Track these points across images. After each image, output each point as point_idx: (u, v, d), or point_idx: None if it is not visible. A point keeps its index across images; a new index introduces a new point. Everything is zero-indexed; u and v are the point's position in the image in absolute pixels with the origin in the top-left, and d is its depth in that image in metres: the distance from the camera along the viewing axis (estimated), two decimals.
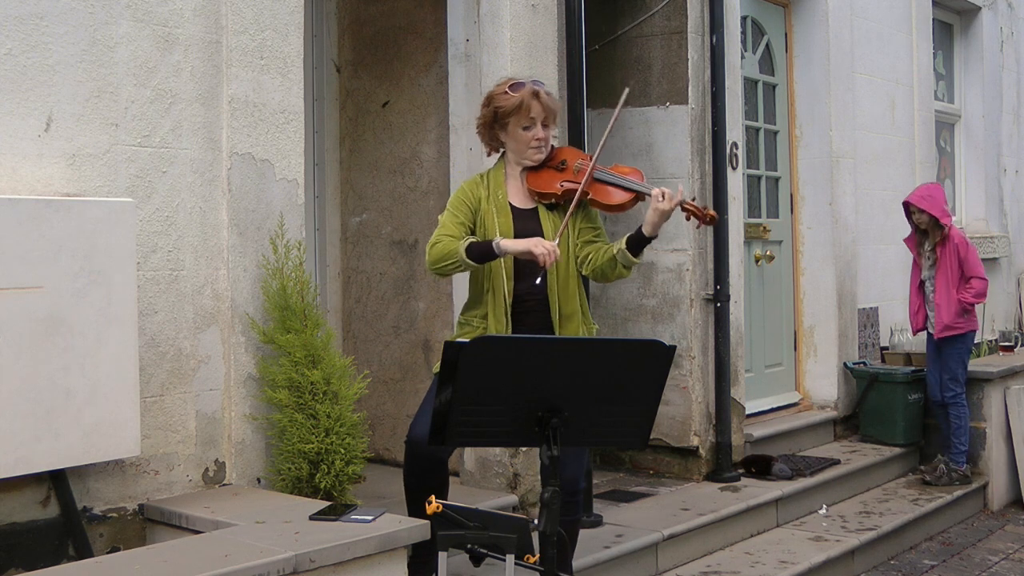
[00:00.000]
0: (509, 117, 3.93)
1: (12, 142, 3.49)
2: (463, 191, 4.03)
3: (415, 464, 3.85)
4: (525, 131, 3.93)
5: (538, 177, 3.99)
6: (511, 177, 4.03)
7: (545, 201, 3.98)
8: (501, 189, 3.98)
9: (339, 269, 5.99)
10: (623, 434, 3.07)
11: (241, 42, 4.07)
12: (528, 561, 2.91)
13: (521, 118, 3.91)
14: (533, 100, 3.90)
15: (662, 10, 6.12)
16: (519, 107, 3.90)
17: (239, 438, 4.06)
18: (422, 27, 5.72)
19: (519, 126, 3.93)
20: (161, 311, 3.86)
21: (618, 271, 3.92)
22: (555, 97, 4.04)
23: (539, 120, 3.93)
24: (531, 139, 3.94)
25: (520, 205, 3.99)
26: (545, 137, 3.96)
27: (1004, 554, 6.06)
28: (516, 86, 3.94)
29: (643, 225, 3.84)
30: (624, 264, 3.88)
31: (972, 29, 9.54)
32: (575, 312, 3.94)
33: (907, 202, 6.77)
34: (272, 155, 4.17)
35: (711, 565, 5.19)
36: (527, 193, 3.99)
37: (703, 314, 6.09)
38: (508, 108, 3.91)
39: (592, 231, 4.01)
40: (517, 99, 3.90)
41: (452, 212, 3.96)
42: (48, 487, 3.59)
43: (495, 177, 4.02)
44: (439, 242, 3.86)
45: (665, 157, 6.14)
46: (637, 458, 6.28)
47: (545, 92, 3.96)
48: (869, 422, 7.16)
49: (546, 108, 3.93)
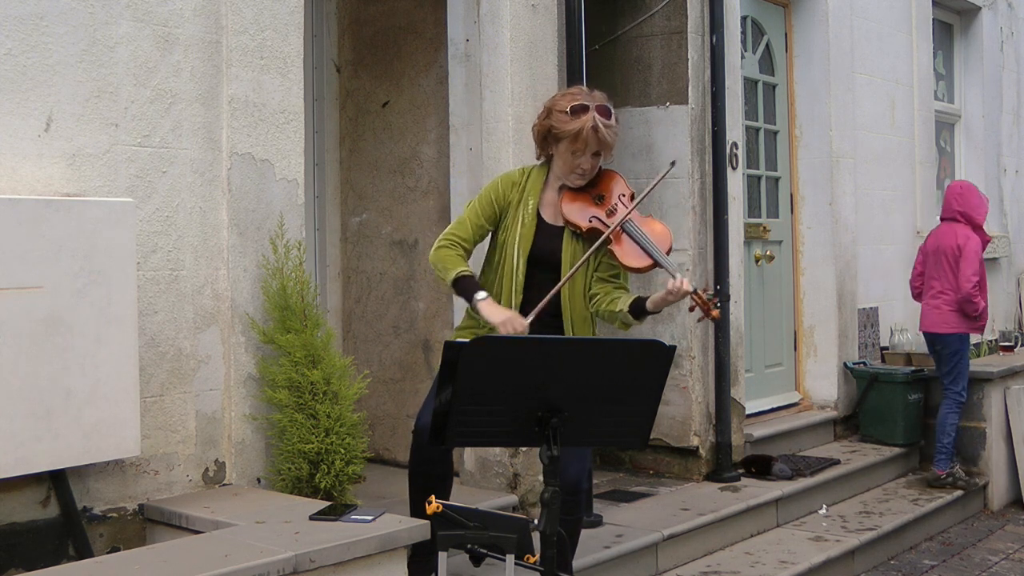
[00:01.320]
0: (563, 138, 3.84)
1: (12, 142, 3.49)
2: (497, 188, 3.98)
3: (421, 452, 3.86)
4: (573, 156, 3.85)
5: (573, 203, 3.91)
6: (550, 188, 3.97)
7: (572, 228, 3.91)
8: (535, 198, 3.93)
9: (339, 269, 5.99)
10: (623, 434, 3.07)
11: (241, 42, 4.07)
12: (528, 561, 2.91)
13: (574, 143, 3.82)
14: (591, 134, 3.78)
15: (662, 10, 6.12)
16: (575, 136, 3.80)
17: (239, 438, 4.06)
18: (422, 27, 5.71)
19: (569, 150, 3.85)
20: (161, 311, 3.86)
21: (618, 324, 3.91)
22: (615, 129, 3.88)
23: (590, 152, 3.83)
24: (577, 166, 3.86)
25: (549, 220, 3.94)
26: (592, 166, 3.88)
27: (1004, 554, 6.06)
28: (578, 110, 3.80)
29: (649, 299, 3.79)
30: (624, 322, 3.86)
31: (972, 29, 9.54)
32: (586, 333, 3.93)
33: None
34: (272, 155, 4.17)
35: (711, 565, 5.19)
36: (558, 211, 3.93)
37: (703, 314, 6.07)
38: (563, 132, 3.82)
39: (610, 269, 3.93)
40: (576, 127, 3.79)
41: (477, 209, 3.94)
42: (48, 487, 3.59)
43: (535, 181, 3.97)
44: (444, 247, 3.87)
45: (665, 157, 6.12)
46: (637, 458, 6.28)
47: (604, 124, 3.81)
48: (869, 422, 7.16)
49: (602, 143, 3.83)
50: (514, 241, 3.87)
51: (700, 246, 6.07)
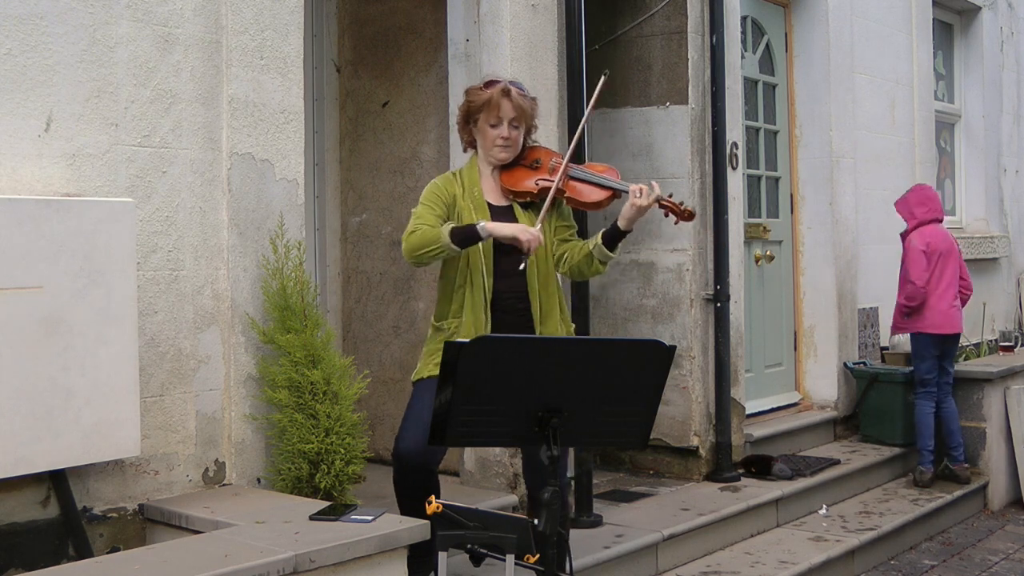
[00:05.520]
0: (479, 113, 3.93)
1: (12, 142, 3.49)
2: (437, 187, 4.01)
3: (404, 478, 3.81)
4: (492, 128, 3.93)
5: (512, 176, 3.99)
6: (484, 176, 4.02)
7: (520, 200, 3.98)
8: (476, 187, 3.98)
9: (339, 269, 5.99)
10: (623, 434, 3.07)
11: (241, 42, 4.07)
12: (528, 561, 2.91)
13: (490, 115, 3.91)
14: (503, 98, 3.89)
15: (662, 10, 6.12)
16: (488, 103, 3.90)
17: (239, 438, 4.06)
18: (422, 27, 5.72)
19: (487, 123, 3.93)
20: (161, 311, 3.86)
21: (594, 267, 3.92)
22: (531, 99, 4.00)
23: (507, 119, 3.91)
24: (496, 136, 3.92)
25: (495, 203, 3.98)
26: (511, 137, 3.94)
27: (1004, 554, 6.06)
28: (490, 83, 3.95)
29: (618, 219, 3.85)
30: (600, 259, 3.89)
31: (972, 29, 9.53)
32: (553, 309, 3.95)
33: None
34: (272, 155, 4.17)
35: (711, 565, 5.19)
36: (501, 191, 3.99)
37: (703, 314, 6.09)
38: (478, 103, 3.93)
39: (567, 229, 4.02)
40: (487, 95, 3.90)
41: (428, 205, 3.95)
42: (48, 487, 3.59)
43: (469, 175, 4.02)
44: (417, 230, 3.85)
45: (665, 157, 6.13)
46: (637, 458, 6.28)
47: (519, 92, 3.93)
48: (869, 422, 7.16)
49: (516, 107, 3.91)
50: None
51: (700, 246, 6.07)
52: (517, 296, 3.90)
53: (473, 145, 4.08)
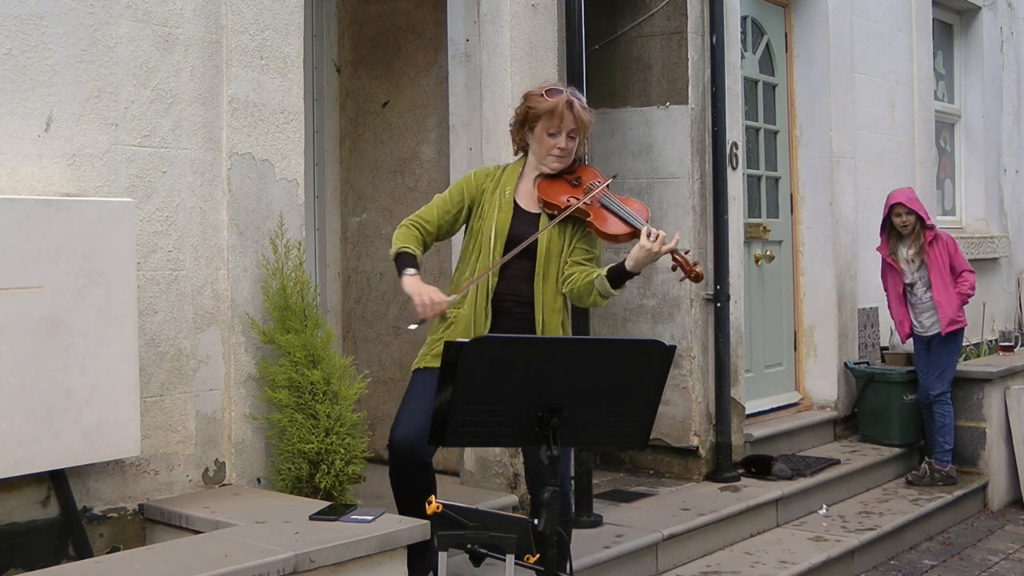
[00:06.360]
0: (539, 120, 3.92)
1: (12, 142, 3.49)
2: (469, 179, 4.04)
3: (399, 467, 3.81)
4: (550, 137, 3.91)
5: (550, 186, 3.96)
6: (526, 178, 4.01)
7: (549, 211, 3.93)
8: (511, 185, 3.97)
9: (339, 269, 5.99)
10: (623, 434, 3.07)
11: (241, 42, 4.07)
12: (528, 561, 2.91)
13: (550, 124, 3.90)
14: (566, 109, 3.88)
15: (662, 10, 6.12)
16: (551, 112, 3.88)
17: (239, 438, 4.06)
18: (422, 27, 5.72)
19: (546, 131, 3.91)
20: (161, 311, 3.86)
21: (593, 298, 3.84)
22: (590, 112, 3.99)
23: (566, 130, 3.91)
24: (553, 146, 3.92)
25: (524, 207, 3.97)
26: (568, 148, 3.93)
27: (1004, 554, 6.06)
28: (553, 91, 3.93)
29: (627, 259, 3.78)
30: (600, 292, 3.80)
31: (972, 29, 9.53)
32: (556, 329, 3.92)
33: (899, 202, 6.71)
34: (272, 155, 4.17)
35: (711, 565, 5.19)
36: (536, 198, 3.97)
37: (703, 314, 6.09)
38: (540, 111, 3.91)
39: (585, 253, 3.94)
40: (551, 104, 3.88)
41: (446, 196, 4.00)
42: (48, 487, 3.59)
43: (510, 172, 4.02)
44: (404, 227, 3.92)
45: (665, 157, 6.14)
46: (637, 458, 6.28)
47: (581, 105, 3.93)
48: (867, 422, 7.16)
49: (577, 119, 3.91)
50: (490, 227, 3.89)
51: (700, 246, 6.07)
52: (517, 300, 3.90)
53: (524, 149, 4.06)
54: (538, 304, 3.90)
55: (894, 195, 6.75)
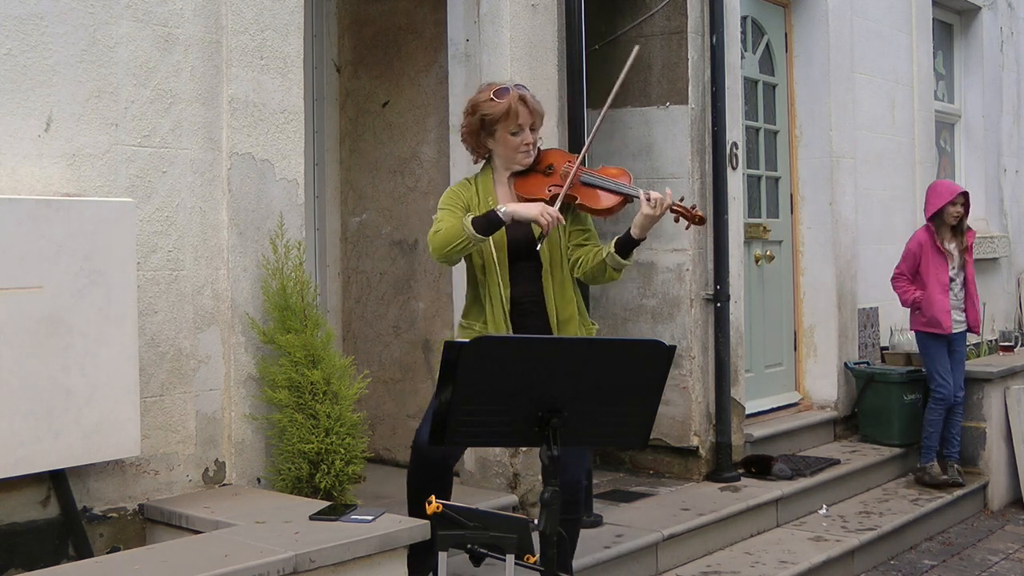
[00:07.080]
0: (497, 124, 3.91)
1: (12, 142, 3.49)
2: (454, 192, 4.03)
3: (421, 469, 3.84)
4: (513, 136, 3.92)
5: (526, 183, 3.98)
6: (499, 184, 4.02)
7: None
8: (491, 195, 3.97)
9: (339, 269, 5.99)
10: (623, 434, 3.07)
11: (241, 42, 4.07)
12: (528, 561, 2.91)
13: (509, 124, 3.90)
14: (520, 105, 3.89)
15: (662, 10, 6.12)
16: (507, 113, 3.88)
17: (239, 438, 4.06)
18: (422, 27, 5.71)
19: (507, 132, 3.92)
20: (161, 311, 3.86)
21: (608, 274, 3.90)
22: (538, 99, 4.02)
23: (527, 125, 3.92)
24: (520, 144, 3.93)
25: None
26: (533, 141, 3.95)
27: (1004, 554, 6.06)
28: (501, 92, 3.92)
29: (631, 228, 3.83)
30: (613, 267, 3.86)
31: (972, 29, 9.53)
32: (572, 316, 3.94)
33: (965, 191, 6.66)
34: (272, 155, 4.17)
35: (711, 565, 5.19)
36: (516, 199, 3.97)
37: (703, 314, 6.09)
38: (495, 115, 3.90)
39: (582, 234, 4.00)
40: (504, 105, 3.88)
41: (447, 208, 3.95)
42: (48, 487, 3.59)
43: (484, 183, 4.01)
44: (440, 229, 3.85)
45: (665, 157, 6.13)
46: (637, 458, 6.28)
47: (531, 96, 3.95)
48: (867, 422, 7.16)
49: (533, 112, 3.93)
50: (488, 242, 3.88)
51: (700, 246, 6.07)
52: (533, 301, 3.90)
53: (484, 156, 4.06)
54: (549, 299, 3.91)
55: (953, 186, 6.77)
